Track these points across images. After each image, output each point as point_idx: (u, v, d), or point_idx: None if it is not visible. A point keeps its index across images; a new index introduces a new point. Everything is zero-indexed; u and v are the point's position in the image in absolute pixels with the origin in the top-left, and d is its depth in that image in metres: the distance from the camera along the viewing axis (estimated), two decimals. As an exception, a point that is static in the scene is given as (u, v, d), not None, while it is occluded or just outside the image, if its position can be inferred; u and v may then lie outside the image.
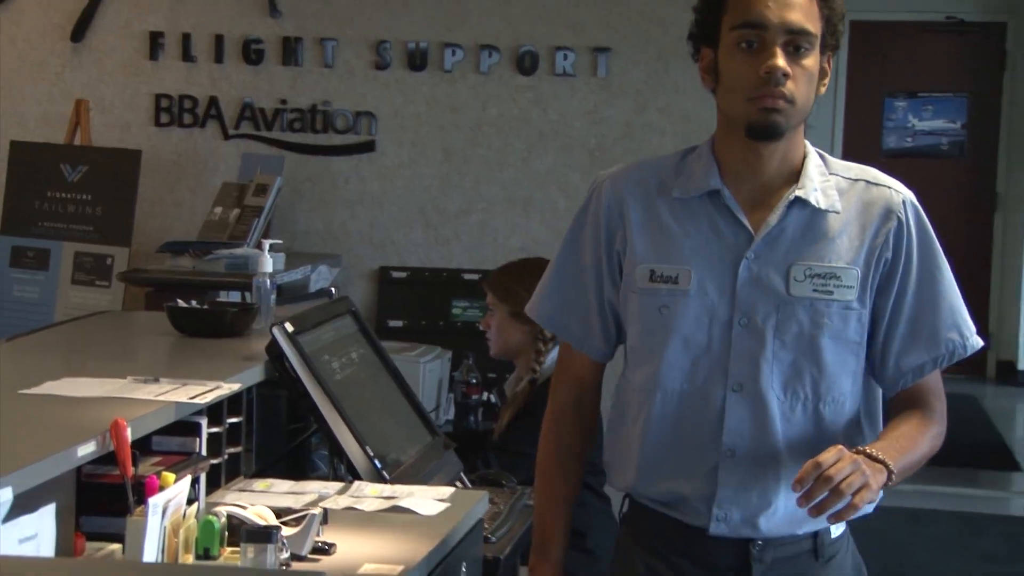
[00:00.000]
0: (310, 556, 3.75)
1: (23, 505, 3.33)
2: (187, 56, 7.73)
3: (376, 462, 4.73)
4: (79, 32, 7.67)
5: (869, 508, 2.83)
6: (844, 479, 2.57)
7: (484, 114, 7.71)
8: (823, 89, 2.97)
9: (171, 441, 4.09)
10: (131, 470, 3.62)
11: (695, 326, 2.97)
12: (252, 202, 7.15)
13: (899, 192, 3.01)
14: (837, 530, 3.07)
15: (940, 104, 14.58)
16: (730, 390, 2.95)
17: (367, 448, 4.75)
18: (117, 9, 7.65)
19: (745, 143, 2.94)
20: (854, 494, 2.59)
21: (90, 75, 7.74)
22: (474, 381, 7.24)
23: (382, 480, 4.69)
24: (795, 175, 2.96)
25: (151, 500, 3.47)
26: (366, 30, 7.63)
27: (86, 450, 3.53)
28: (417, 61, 7.68)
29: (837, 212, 2.96)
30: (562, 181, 7.70)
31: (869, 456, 2.73)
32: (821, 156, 3.07)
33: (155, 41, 7.70)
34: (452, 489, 4.68)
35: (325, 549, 3.81)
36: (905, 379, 3.01)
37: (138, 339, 5.53)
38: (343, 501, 4.40)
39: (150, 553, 3.47)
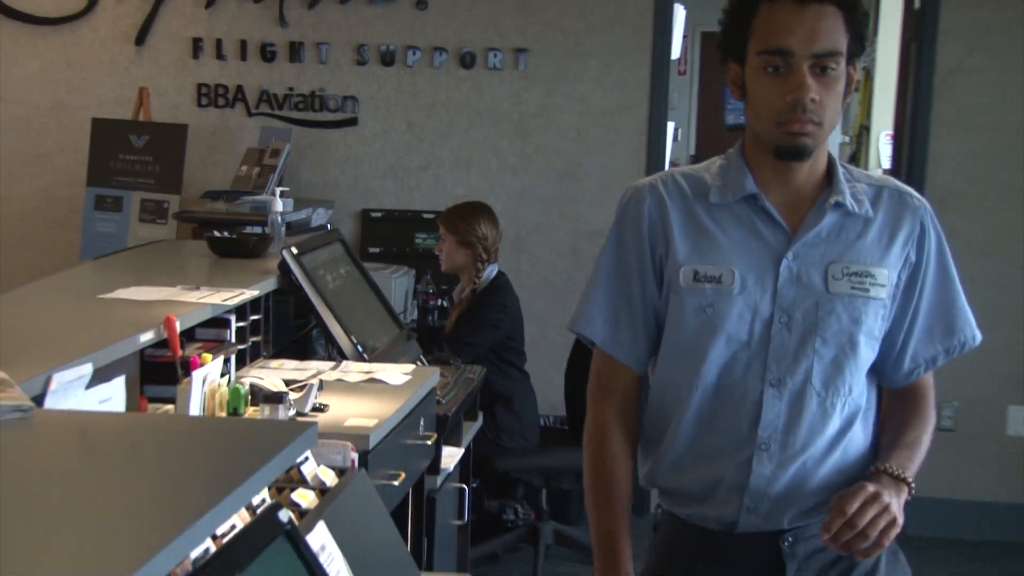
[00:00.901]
0: (310, 413, 3.97)
1: (101, 377, 3.46)
2: (219, 55, 7.80)
3: (359, 347, 5.03)
4: (141, 38, 7.75)
5: (897, 532, 2.54)
6: (870, 523, 2.36)
7: (436, 98, 7.75)
8: (850, 98, 2.72)
9: (209, 332, 4.37)
10: (179, 352, 3.90)
11: (738, 323, 2.67)
12: (268, 162, 7.30)
13: (922, 201, 2.76)
14: None
15: None
16: (768, 385, 2.66)
17: (352, 337, 5.06)
18: (167, 21, 7.68)
19: (775, 159, 2.68)
20: (880, 534, 2.38)
21: (149, 69, 7.81)
22: (431, 291, 7.41)
23: (363, 360, 4.98)
24: (823, 180, 2.70)
25: (194, 373, 3.77)
26: (350, 36, 7.64)
27: (146, 337, 3.82)
28: (387, 59, 7.70)
29: (869, 217, 2.69)
30: (494, 146, 7.76)
31: (892, 475, 2.53)
32: (843, 165, 2.77)
33: (196, 44, 7.79)
34: (413, 366, 4.98)
35: (321, 408, 4.08)
36: (919, 370, 2.77)
37: (186, 259, 5.73)
38: (334, 375, 4.63)
39: (194, 411, 3.72)
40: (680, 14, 9.63)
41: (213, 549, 2.45)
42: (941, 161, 7.52)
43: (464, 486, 5.53)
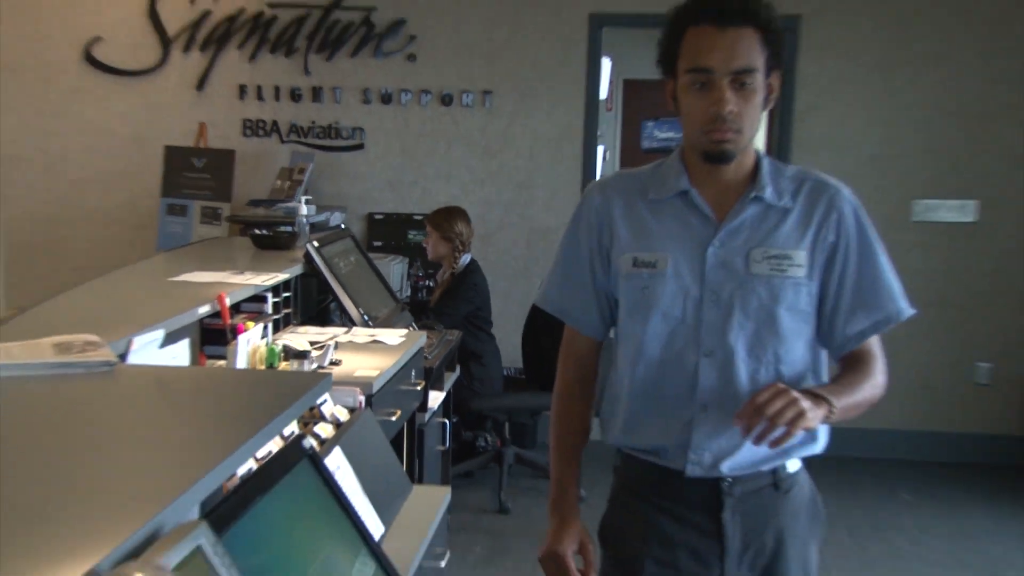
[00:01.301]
0: (327, 366, 3.98)
1: (171, 339, 3.50)
2: (259, 97, 7.74)
3: (364, 316, 5.04)
4: (200, 84, 7.72)
5: (817, 448, 2.54)
6: (777, 411, 2.20)
7: (423, 128, 7.70)
8: (771, 104, 2.53)
9: (251, 305, 4.36)
10: (228, 320, 3.90)
11: (672, 302, 2.49)
12: (296, 177, 7.28)
13: (838, 189, 2.56)
14: (793, 466, 2.59)
15: (672, 124, 13.79)
16: (702, 355, 2.48)
17: (359, 309, 5.08)
18: (220, 72, 7.65)
19: (704, 162, 2.51)
20: (790, 423, 2.21)
21: (207, 109, 7.76)
22: (420, 274, 7.47)
23: (367, 326, 4.99)
24: (750, 176, 2.52)
25: (240, 337, 3.79)
26: (357, 82, 7.60)
27: (204, 309, 3.83)
28: (386, 99, 7.65)
29: (788, 207, 2.50)
30: (467, 164, 7.70)
31: (812, 393, 2.35)
32: (772, 162, 2.59)
33: (242, 89, 7.72)
34: (406, 331, 4.96)
35: (336, 363, 4.09)
36: (850, 343, 2.53)
37: (234, 251, 5.66)
38: (346, 337, 4.63)
39: (240, 365, 3.74)
40: (607, 65, 9.68)
41: (255, 467, 2.47)
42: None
43: (446, 421, 5.55)
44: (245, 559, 1.91)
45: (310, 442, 2.66)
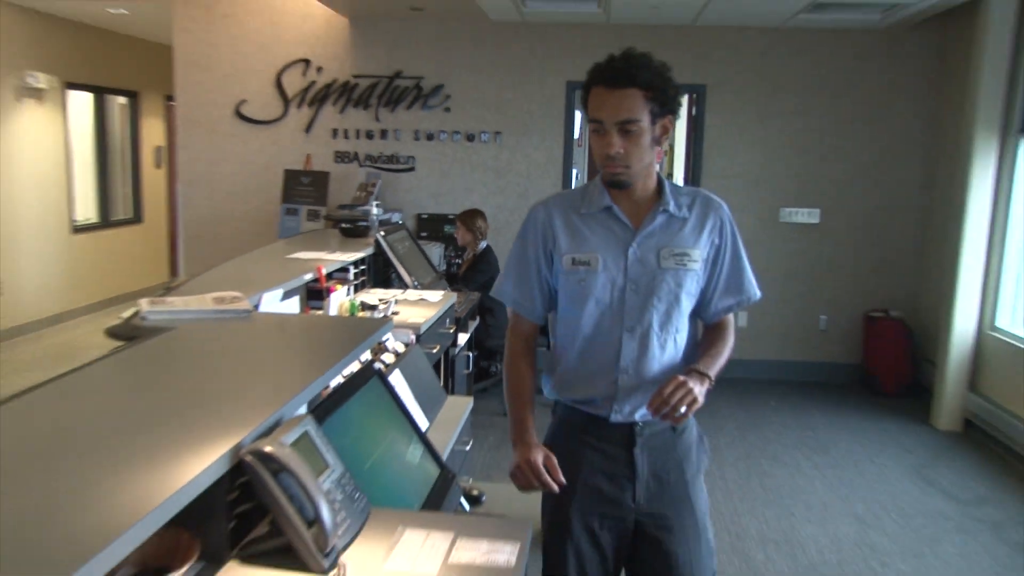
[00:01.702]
0: (390, 315, 3.92)
1: (287, 296, 3.54)
2: (345, 136, 7.67)
3: (415, 282, 5.06)
4: (308, 128, 7.66)
5: (697, 406, 2.24)
6: (679, 400, 2.12)
7: (455, 157, 7.62)
8: (665, 142, 2.33)
9: (339, 274, 4.31)
10: (324, 283, 3.87)
11: (602, 291, 2.33)
12: (370, 189, 7.16)
13: (720, 204, 2.40)
14: None
15: None
16: (624, 331, 2.33)
17: (411, 277, 5.07)
18: (321, 120, 7.60)
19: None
20: (687, 408, 2.12)
21: (312, 144, 7.70)
22: (453, 255, 7.42)
23: (416, 289, 4.94)
24: (655, 194, 2.34)
25: (332, 295, 3.81)
26: (410, 125, 7.51)
27: (308, 276, 3.82)
28: (430, 137, 7.58)
29: (686, 217, 2.34)
30: (484, 181, 7.61)
31: (699, 372, 2.24)
32: (671, 184, 2.40)
33: (334, 131, 7.68)
34: (443, 292, 4.89)
35: (396, 313, 4.03)
36: (719, 315, 2.41)
37: (328, 239, 5.53)
38: (402, 296, 4.58)
39: (332, 313, 3.77)
40: (578, 115, 9.63)
41: (342, 381, 2.49)
42: (707, 187, 7.60)
43: (469, 354, 5.41)
44: (336, 441, 1.95)
45: (379, 365, 2.69)
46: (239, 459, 1.57)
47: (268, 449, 1.58)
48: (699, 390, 2.18)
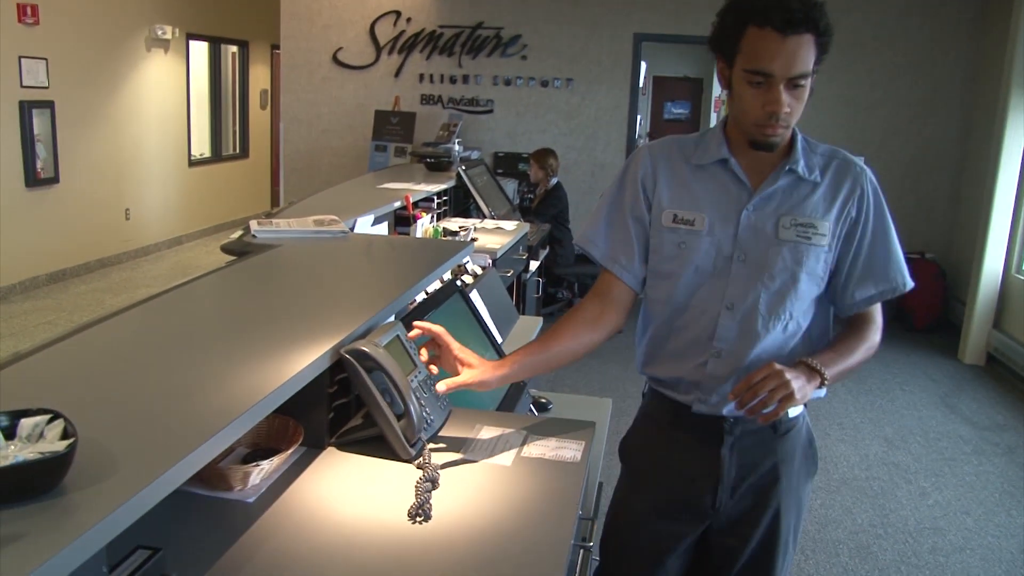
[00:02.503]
0: (469, 240, 3.90)
1: (377, 220, 3.54)
2: (431, 81, 7.67)
3: (492, 212, 5.06)
4: (397, 73, 7.65)
5: (820, 393, 1.72)
6: (769, 393, 1.60)
7: (529, 100, 7.56)
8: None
9: (425, 203, 4.28)
10: (411, 210, 3.86)
11: (704, 258, 1.80)
12: (452, 129, 7.13)
13: (863, 169, 1.81)
14: (794, 411, 1.87)
15: (682, 104, 13.33)
16: (724, 307, 1.79)
17: (489, 208, 5.08)
18: (409, 67, 7.59)
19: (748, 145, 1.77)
20: (779, 404, 1.60)
21: (400, 87, 7.70)
22: (526, 190, 7.34)
23: (493, 218, 4.92)
24: (785, 149, 1.77)
25: (418, 221, 3.83)
26: (490, 71, 7.48)
27: (397, 204, 3.82)
28: (508, 82, 7.54)
29: (817, 181, 1.76)
30: (556, 123, 7.56)
31: (808, 366, 1.69)
32: (805, 138, 1.82)
33: (420, 76, 7.67)
34: (517, 223, 4.89)
35: (474, 239, 4.00)
36: (858, 306, 1.81)
37: (414, 172, 5.49)
38: (480, 225, 4.58)
39: (416, 235, 3.79)
40: (644, 66, 9.47)
41: (426, 296, 2.51)
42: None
43: (540, 279, 5.41)
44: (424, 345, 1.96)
45: (460, 283, 2.70)
46: (339, 357, 1.59)
47: (364, 348, 1.59)
48: (798, 384, 1.64)
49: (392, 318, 2.01)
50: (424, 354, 1.80)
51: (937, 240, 7.42)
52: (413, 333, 1.82)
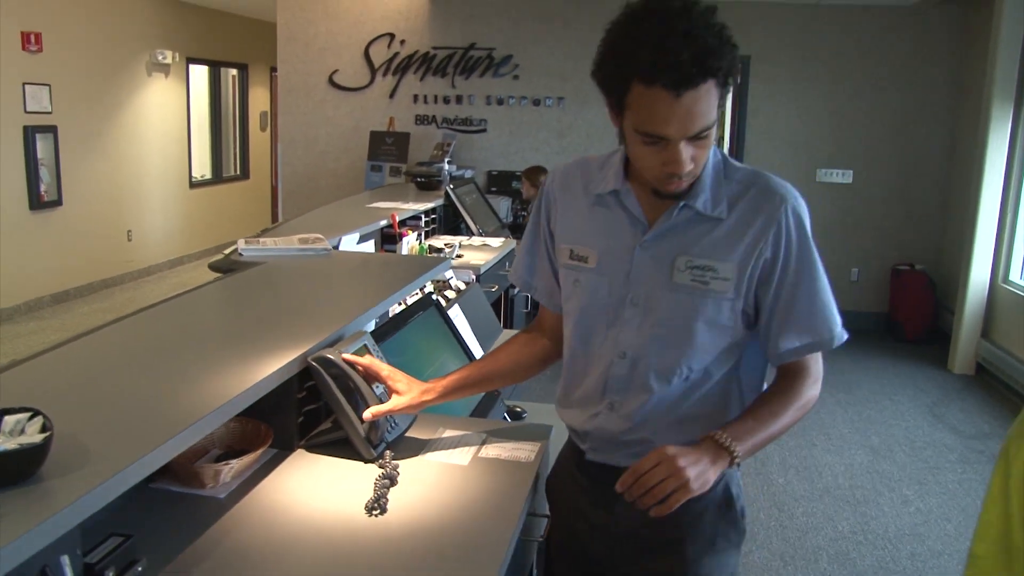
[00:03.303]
0: (454, 256, 4.05)
1: (363, 239, 3.66)
2: (425, 101, 7.74)
3: (480, 230, 5.18)
4: (391, 95, 7.75)
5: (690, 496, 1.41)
6: (657, 485, 1.38)
7: (522, 119, 7.63)
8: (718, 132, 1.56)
9: (412, 221, 4.38)
10: (397, 229, 3.96)
11: (593, 299, 1.59)
12: (446, 148, 7.17)
13: (784, 199, 1.50)
14: None
15: None
16: (616, 355, 1.57)
17: (476, 225, 5.18)
18: (403, 88, 7.69)
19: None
20: (669, 498, 1.38)
21: (395, 108, 7.79)
22: (519, 207, 7.43)
23: (480, 235, 4.98)
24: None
25: (404, 239, 3.95)
26: (483, 91, 7.54)
27: (383, 222, 3.93)
28: (500, 102, 7.61)
29: (721, 217, 1.50)
30: (547, 141, 7.64)
31: (716, 442, 1.44)
32: (726, 163, 1.55)
33: (415, 96, 7.74)
34: (504, 239, 4.93)
35: (460, 255, 4.12)
36: (782, 358, 1.54)
37: (405, 191, 5.62)
38: (467, 241, 4.63)
39: (403, 252, 3.84)
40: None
41: (404, 307, 2.62)
42: (750, 150, 7.55)
43: (528, 294, 5.53)
44: (394, 357, 2.07)
45: (437, 297, 2.81)
46: (306, 364, 1.71)
47: (329, 356, 1.72)
48: (695, 472, 1.40)
49: (371, 326, 2.14)
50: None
51: (927, 251, 7.52)
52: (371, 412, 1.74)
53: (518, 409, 2.85)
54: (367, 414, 1.73)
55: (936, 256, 7.51)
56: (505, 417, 2.70)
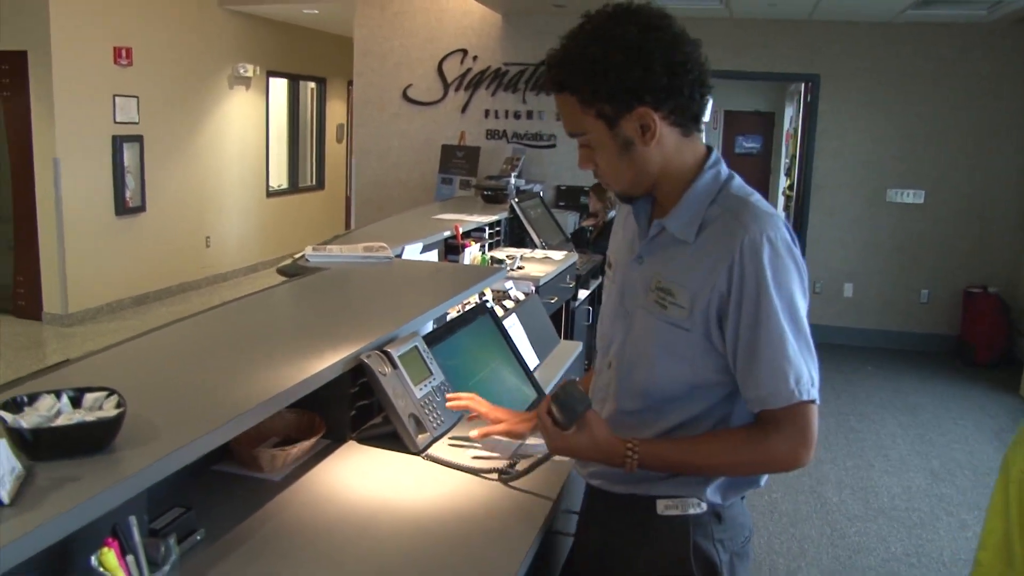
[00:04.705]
0: (515, 268, 4.08)
1: (427, 248, 3.74)
2: (496, 116, 7.89)
3: (543, 243, 5.23)
4: (463, 110, 7.93)
5: (707, 494, 1.46)
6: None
7: None
8: (651, 142, 1.39)
9: (476, 233, 4.44)
10: (460, 239, 4.03)
11: (607, 306, 1.58)
12: (515, 163, 7.30)
13: (745, 232, 1.36)
14: (666, 507, 1.46)
15: (754, 137, 13.52)
16: (605, 365, 1.54)
17: (539, 238, 5.24)
18: (475, 103, 7.87)
19: None
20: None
21: (466, 123, 7.97)
22: (584, 221, 7.70)
23: (544, 248, 5.01)
24: (675, 200, 1.44)
25: (467, 250, 4.09)
26: (553, 108, 7.29)
27: (447, 233, 4.03)
28: (569, 119, 7.89)
29: (687, 242, 1.41)
30: None
31: (623, 443, 1.42)
32: (724, 188, 1.44)
33: (486, 112, 7.90)
34: (566, 252, 4.94)
35: (521, 267, 4.16)
36: (748, 405, 1.41)
37: (472, 204, 5.69)
38: (530, 254, 4.64)
39: (465, 263, 3.95)
40: (709, 100, 9.58)
41: (459, 313, 2.72)
42: (819, 169, 7.50)
43: (590, 307, 5.53)
44: (446, 360, 2.19)
45: (491, 304, 2.92)
46: (358, 361, 1.84)
47: (379, 355, 1.84)
48: (555, 445, 1.47)
49: (428, 328, 2.26)
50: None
51: (1000, 273, 7.36)
52: (452, 404, 1.94)
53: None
54: (473, 433, 1.88)
55: (1011, 278, 7.34)
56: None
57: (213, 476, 1.71)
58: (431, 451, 1.86)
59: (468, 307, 2.94)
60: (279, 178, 10.43)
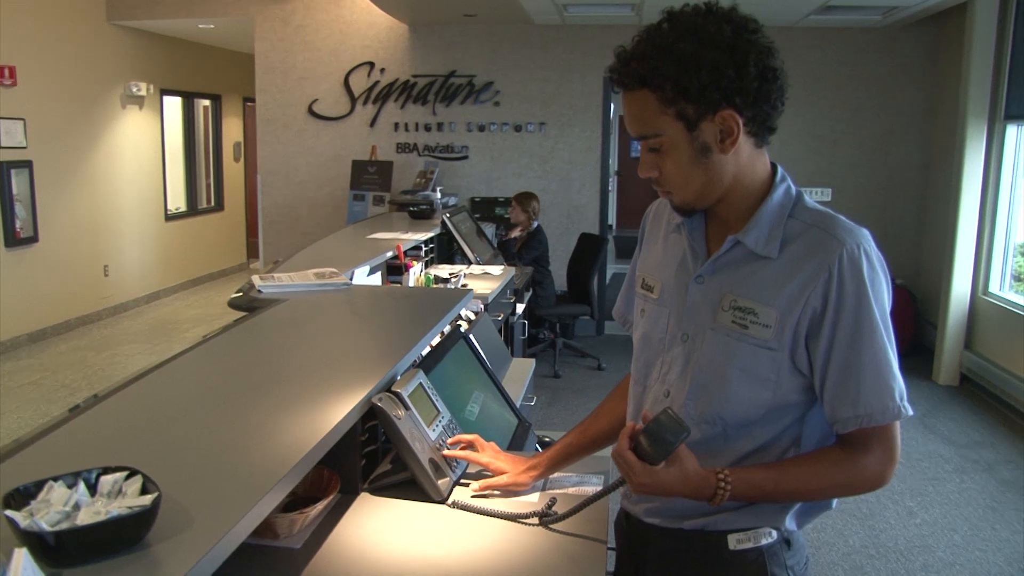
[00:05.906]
0: (460, 287, 3.98)
1: (372, 271, 3.60)
2: (406, 129, 7.70)
3: (477, 258, 5.13)
4: (372, 123, 7.70)
5: (783, 522, 1.42)
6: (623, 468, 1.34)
7: (503, 145, 7.61)
8: (730, 149, 1.33)
9: (412, 252, 4.31)
10: (403, 259, 3.91)
11: (654, 330, 1.47)
12: (428, 176, 7.20)
13: (842, 244, 1.30)
14: (738, 542, 1.40)
15: None
16: (662, 394, 1.44)
17: (474, 254, 5.15)
18: (384, 116, 7.67)
19: None
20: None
21: (376, 137, 7.74)
22: (502, 234, 7.47)
23: (479, 264, 4.93)
24: (747, 214, 1.37)
25: (410, 270, 3.94)
26: (464, 118, 7.50)
27: (388, 254, 3.86)
28: (481, 128, 7.58)
29: (771, 257, 1.33)
30: (531, 167, 7.61)
31: (719, 480, 1.32)
32: (798, 202, 1.38)
33: (395, 125, 7.70)
34: (503, 266, 4.91)
35: (464, 285, 4.02)
36: (838, 426, 1.32)
37: (397, 221, 5.55)
38: (467, 270, 4.53)
39: (409, 284, 3.83)
40: (613, 107, 9.63)
41: (433, 344, 2.57)
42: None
43: (525, 321, 5.39)
44: (438, 393, 2.02)
45: (465, 331, 2.76)
46: (370, 405, 1.66)
47: (394, 396, 1.67)
48: (644, 480, 1.33)
49: (414, 364, 2.08)
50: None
51: (906, 266, 7.60)
52: (450, 452, 1.76)
53: (547, 439, 2.82)
54: (475, 485, 1.71)
55: (915, 271, 7.60)
56: (537, 448, 2.66)
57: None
58: (455, 497, 1.68)
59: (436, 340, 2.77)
60: (177, 200, 9.93)
